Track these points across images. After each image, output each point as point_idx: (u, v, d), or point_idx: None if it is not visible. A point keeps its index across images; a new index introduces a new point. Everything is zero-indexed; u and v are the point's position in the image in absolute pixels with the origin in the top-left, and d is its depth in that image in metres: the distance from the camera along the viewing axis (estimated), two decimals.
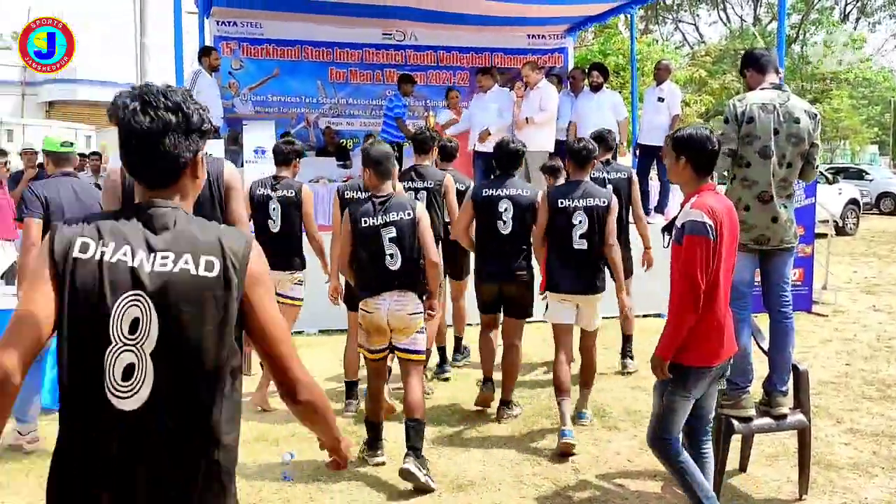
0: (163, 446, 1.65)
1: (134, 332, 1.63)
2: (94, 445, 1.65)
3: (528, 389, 5.81)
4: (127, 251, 1.66)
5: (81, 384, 1.65)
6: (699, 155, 3.27)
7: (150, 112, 1.69)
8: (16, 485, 4.07)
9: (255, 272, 1.74)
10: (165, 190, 1.74)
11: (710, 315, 3.17)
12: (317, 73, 11.54)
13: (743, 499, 4.00)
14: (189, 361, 1.66)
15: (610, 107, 9.00)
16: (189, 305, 1.65)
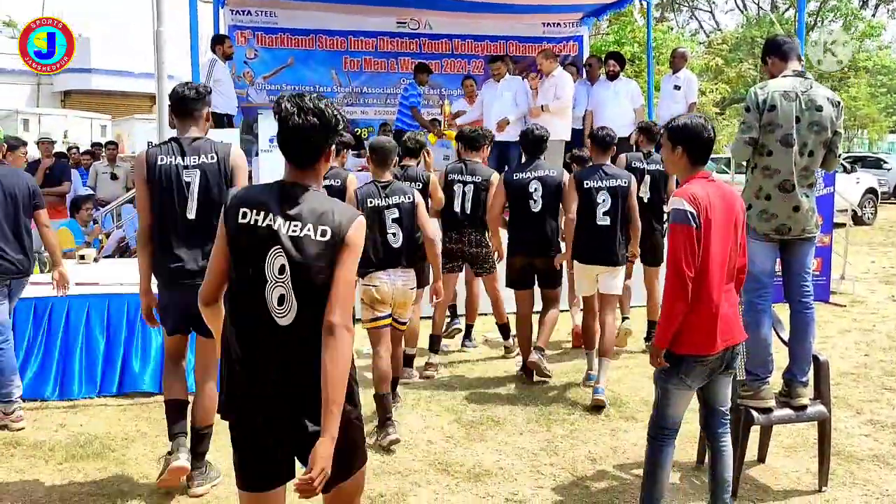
0: (305, 344, 2.35)
1: (282, 273, 2.35)
2: (259, 346, 2.40)
3: (544, 382, 5.79)
4: (271, 218, 2.37)
5: (251, 309, 2.38)
6: (694, 144, 3.27)
7: (302, 116, 2.36)
8: (36, 471, 4.10)
9: (349, 240, 2.37)
10: (306, 170, 2.43)
11: (700, 304, 3.15)
12: (331, 62, 11.51)
13: (762, 490, 3.97)
14: (315, 294, 2.34)
15: (627, 95, 8.94)
16: (311, 259, 2.35)
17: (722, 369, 3.30)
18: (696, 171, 3.29)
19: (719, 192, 3.23)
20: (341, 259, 2.36)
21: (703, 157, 3.31)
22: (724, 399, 3.42)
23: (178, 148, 3.77)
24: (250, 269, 2.38)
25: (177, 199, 3.71)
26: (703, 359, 3.20)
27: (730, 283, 3.28)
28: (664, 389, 3.31)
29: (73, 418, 4.92)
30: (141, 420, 4.89)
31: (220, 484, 3.97)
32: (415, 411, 5.09)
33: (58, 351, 5.42)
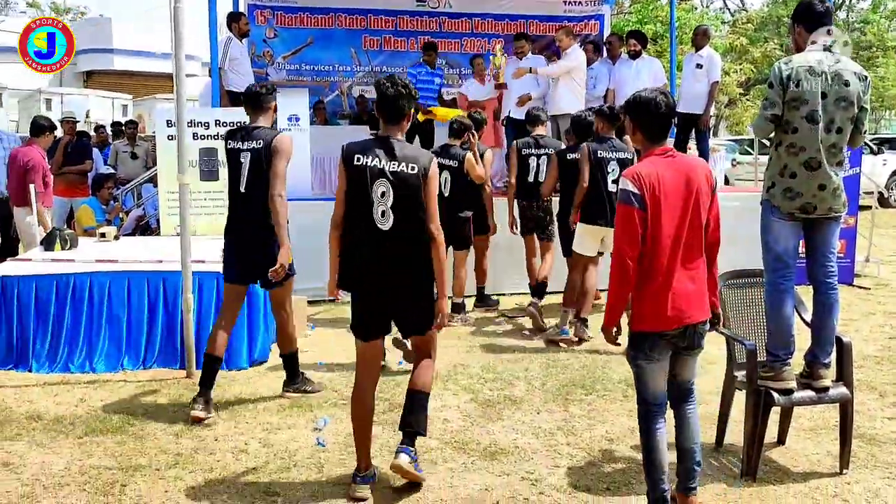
0: (401, 242, 3.55)
1: (383, 196, 3.51)
2: (369, 244, 3.55)
3: (563, 359, 5.77)
4: (377, 160, 3.53)
5: (362, 219, 3.54)
6: (643, 118, 3.25)
7: (395, 87, 3.54)
8: (56, 445, 4.14)
9: (430, 174, 3.56)
10: (395, 126, 3.62)
11: (651, 282, 3.16)
12: (350, 41, 11.45)
13: (782, 472, 3.92)
14: (408, 209, 3.53)
15: (649, 74, 8.81)
16: (406, 186, 3.52)
17: (686, 346, 3.27)
18: (654, 147, 3.25)
19: (675, 166, 3.18)
20: (426, 186, 3.54)
21: (657, 132, 3.26)
22: (687, 377, 3.39)
23: (244, 134, 4.64)
24: (363, 195, 3.52)
25: (235, 175, 4.63)
26: (663, 335, 3.22)
27: (695, 260, 3.23)
28: (636, 367, 3.33)
29: (94, 393, 4.96)
30: (160, 395, 4.93)
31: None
32: (432, 390, 5.07)
33: (83, 327, 5.49)
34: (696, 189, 3.19)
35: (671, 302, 3.17)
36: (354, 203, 3.55)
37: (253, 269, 4.66)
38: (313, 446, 4.17)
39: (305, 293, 6.90)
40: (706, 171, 3.29)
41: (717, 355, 4.88)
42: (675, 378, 3.38)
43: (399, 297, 3.63)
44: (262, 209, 4.54)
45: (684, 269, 3.21)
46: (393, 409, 4.69)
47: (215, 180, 7.22)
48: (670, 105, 3.26)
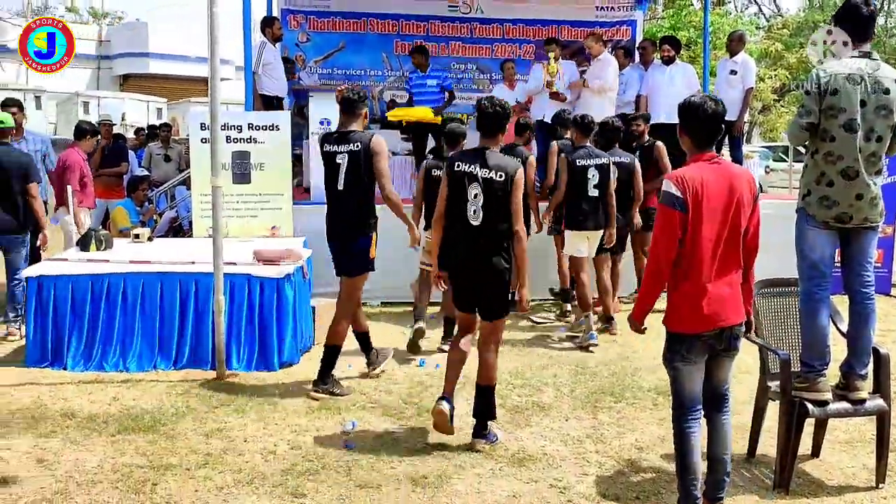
0: (488, 237, 4.17)
1: (475, 197, 4.14)
2: (463, 236, 4.21)
3: (592, 367, 5.73)
4: (472, 167, 4.17)
5: (459, 215, 4.20)
6: (692, 123, 3.28)
7: (491, 107, 4.28)
8: (89, 442, 4.20)
9: (516, 180, 4.15)
10: (491, 139, 4.29)
11: (689, 283, 3.21)
12: (382, 45, 11.50)
13: (815, 485, 3.85)
14: (495, 209, 4.14)
15: (682, 80, 8.72)
16: (494, 190, 4.13)
17: (723, 348, 3.29)
18: (700, 152, 3.27)
19: (719, 173, 3.21)
20: (512, 191, 4.14)
21: (706, 137, 3.28)
22: (722, 380, 3.40)
23: (338, 137, 4.99)
24: (460, 195, 4.19)
25: (332, 175, 5.01)
26: (698, 336, 3.24)
27: (733, 265, 3.25)
28: (673, 369, 3.35)
29: (127, 392, 5.03)
30: (191, 396, 4.98)
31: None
32: (459, 395, 5.06)
33: (117, 326, 5.57)
34: (738, 196, 3.21)
35: (708, 304, 3.20)
36: (453, 202, 4.25)
37: (339, 259, 5.15)
38: (342, 449, 4.19)
39: (336, 296, 6.93)
40: (749, 179, 3.30)
41: (750, 364, 4.81)
42: (711, 380, 3.38)
43: (482, 282, 4.23)
44: (356, 206, 5.02)
45: (722, 273, 3.23)
46: (421, 414, 4.69)
47: (247, 183, 7.29)
48: (719, 112, 3.27)
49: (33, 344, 5.55)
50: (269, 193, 7.32)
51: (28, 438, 4.24)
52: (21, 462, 3.93)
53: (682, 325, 3.27)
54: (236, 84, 20.25)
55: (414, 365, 5.78)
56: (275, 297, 5.66)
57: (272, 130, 7.31)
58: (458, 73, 11.80)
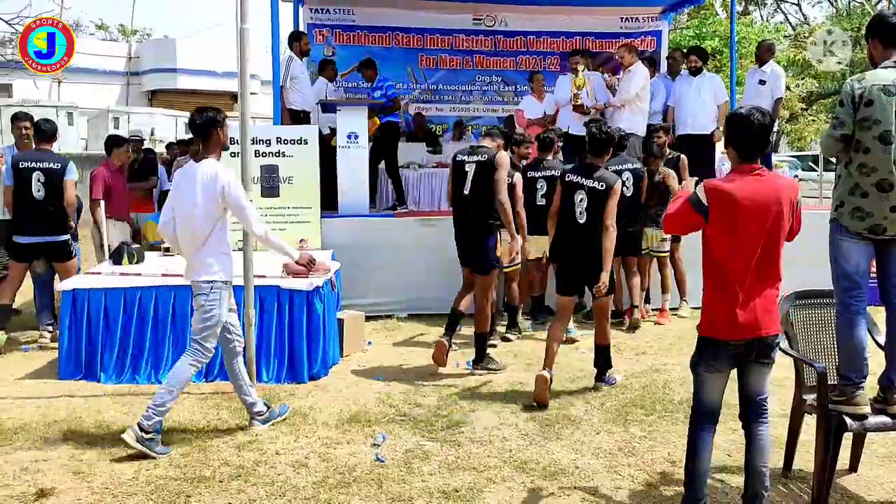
0: (590, 233, 5.28)
1: (581, 202, 5.33)
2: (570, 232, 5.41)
3: (621, 381, 5.68)
4: (580, 177, 5.37)
5: (568, 215, 5.38)
6: (736, 134, 3.29)
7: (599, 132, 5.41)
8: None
9: (613, 189, 5.24)
10: (598, 158, 5.41)
11: (722, 291, 3.26)
12: (407, 59, 11.60)
13: (854, 500, 3.79)
14: (595, 211, 5.24)
15: (709, 91, 8.69)
16: (595, 197, 5.27)
17: (753, 358, 3.31)
18: (743, 164, 3.28)
19: (760, 185, 3.22)
20: (610, 198, 5.20)
21: (750, 148, 3.28)
22: (758, 388, 3.40)
23: (471, 150, 5.91)
24: (569, 199, 5.34)
25: (461, 182, 5.85)
26: (727, 344, 3.28)
27: (771, 276, 3.28)
28: (696, 374, 3.41)
29: None
30: (222, 408, 5.01)
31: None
32: (490, 408, 5.07)
33: (149, 339, 5.64)
34: (779, 209, 3.22)
35: (742, 313, 3.23)
36: (564, 204, 5.42)
37: (467, 256, 5.94)
38: (372, 462, 4.19)
39: (363, 309, 6.98)
40: (794, 189, 3.31)
41: (785, 377, 4.75)
42: (746, 388, 3.41)
43: (587, 268, 5.31)
44: (479, 209, 5.77)
45: (759, 284, 3.26)
46: (451, 427, 4.68)
47: (276, 196, 7.36)
48: (766, 123, 3.26)
49: (67, 356, 5.63)
50: (297, 207, 7.40)
51: (64, 450, 4.30)
52: (58, 475, 3.98)
53: (714, 331, 3.32)
54: (263, 98, 20.48)
55: (444, 378, 5.77)
56: (304, 309, 5.70)
57: (300, 144, 7.39)
58: (482, 85, 11.86)
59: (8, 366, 6.02)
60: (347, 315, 6.46)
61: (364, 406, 5.08)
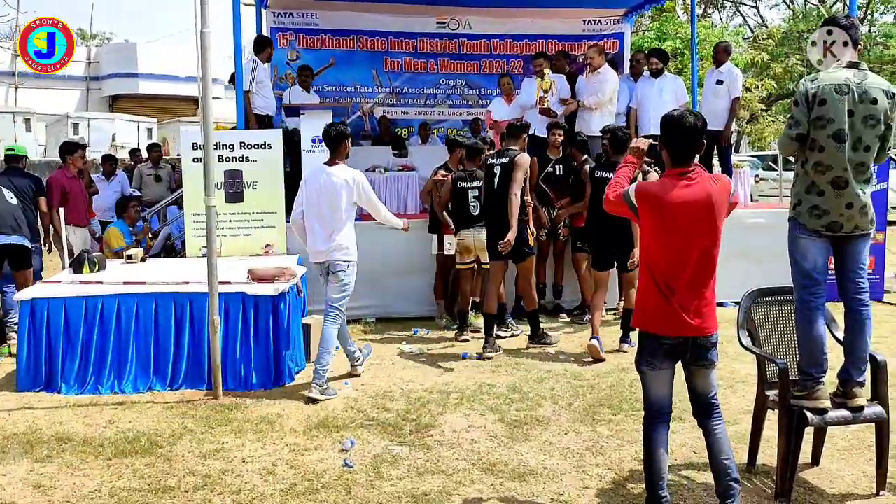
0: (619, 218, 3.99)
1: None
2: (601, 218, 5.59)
3: (590, 379, 5.72)
4: (608, 173, 6.29)
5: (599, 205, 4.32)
6: (668, 136, 3.34)
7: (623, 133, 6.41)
8: (86, 466, 4.17)
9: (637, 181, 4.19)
10: (620, 155, 5.79)
11: (651, 285, 3.34)
12: (372, 62, 11.60)
13: (817, 493, 3.85)
14: None
15: (671, 92, 8.79)
16: None
17: (690, 359, 3.36)
18: (676, 167, 3.33)
19: (688, 191, 3.26)
20: None
21: (683, 152, 3.32)
22: (704, 388, 3.45)
23: (499, 153, 6.66)
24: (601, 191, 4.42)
25: (490, 181, 6.58)
26: (661, 339, 3.33)
27: (705, 277, 3.31)
28: (640, 372, 3.47)
29: (122, 415, 4.99)
30: (187, 417, 4.94)
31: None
32: (458, 410, 5.07)
33: (111, 348, 5.54)
34: (710, 213, 3.28)
35: (672, 309, 3.30)
36: (595, 195, 6.28)
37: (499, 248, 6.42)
38: (340, 467, 4.16)
39: None
40: (725, 192, 3.34)
41: (747, 374, 4.82)
42: (693, 389, 3.46)
43: (618, 247, 6.34)
44: (506, 206, 6.37)
45: (689, 284, 3.31)
46: (419, 430, 4.68)
47: (240, 202, 7.28)
48: (697, 126, 3.30)
49: (26, 368, 5.51)
50: (262, 212, 7.33)
51: (24, 464, 4.21)
52: (17, 489, 3.89)
53: (645, 323, 3.39)
54: (226, 104, 20.27)
55: (412, 382, 5.75)
56: (270, 315, 5.65)
57: (264, 149, 7.33)
58: (447, 88, 11.89)
59: None
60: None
61: (332, 411, 5.05)
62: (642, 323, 3.41)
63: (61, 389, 5.45)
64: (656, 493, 3.39)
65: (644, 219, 3.37)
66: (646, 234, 3.39)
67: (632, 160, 3.69)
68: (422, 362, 6.25)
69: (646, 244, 3.40)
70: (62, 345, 5.53)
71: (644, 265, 3.41)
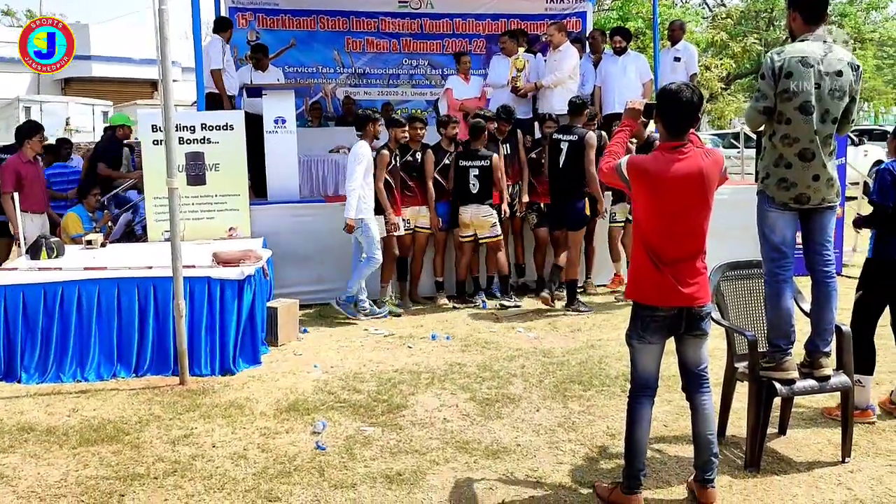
0: None
1: None
2: None
3: (559, 356, 5.75)
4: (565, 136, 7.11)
5: None
6: (664, 109, 3.34)
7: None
8: (50, 456, 4.06)
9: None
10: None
11: (644, 256, 3.34)
12: (333, 42, 11.41)
13: (785, 462, 3.92)
14: None
15: (635, 70, 8.83)
16: None
17: (684, 329, 3.36)
18: (670, 140, 3.33)
19: (681, 165, 3.26)
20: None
21: (677, 124, 3.31)
22: (695, 360, 3.47)
23: (565, 129, 7.23)
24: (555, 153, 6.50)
25: (555, 157, 7.17)
26: (653, 311, 3.33)
27: (696, 248, 3.34)
28: (630, 346, 3.46)
29: (86, 403, 4.88)
30: (154, 403, 4.85)
31: None
32: (429, 390, 5.05)
33: (73, 336, 5.40)
34: (701, 187, 3.27)
35: (665, 280, 3.29)
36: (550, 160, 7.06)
37: (561, 218, 7.24)
38: (313, 450, 4.12)
39: (297, 297, 6.86)
40: (717, 166, 3.34)
41: (714, 347, 4.87)
42: (685, 361, 3.48)
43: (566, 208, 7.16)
44: (571, 179, 7.07)
45: (681, 255, 3.31)
46: (391, 411, 4.66)
47: (202, 184, 7.15)
48: (693, 101, 3.29)
49: None
50: (225, 194, 7.20)
51: None
52: None
53: (638, 294, 3.39)
54: (185, 85, 19.88)
55: (381, 364, 5.72)
56: (235, 299, 5.56)
57: (226, 130, 7.18)
58: (409, 68, 11.77)
59: None
60: (281, 303, 6.33)
61: (302, 394, 5.00)
62: (636, 295, 3.41)
63: (21, 378, 5.30)
64: (635, 466, 3.41)
65: (636, 192, 3.36)
66: (638, 207, 3.38)
67: (627, 123, 3.67)
68: (391, 344, 6.21)
69: (638, 216, 3.40)
70: (21, 333, 5.37)
71: (637, 238, 3.40)
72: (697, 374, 3.46)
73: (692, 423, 3.48)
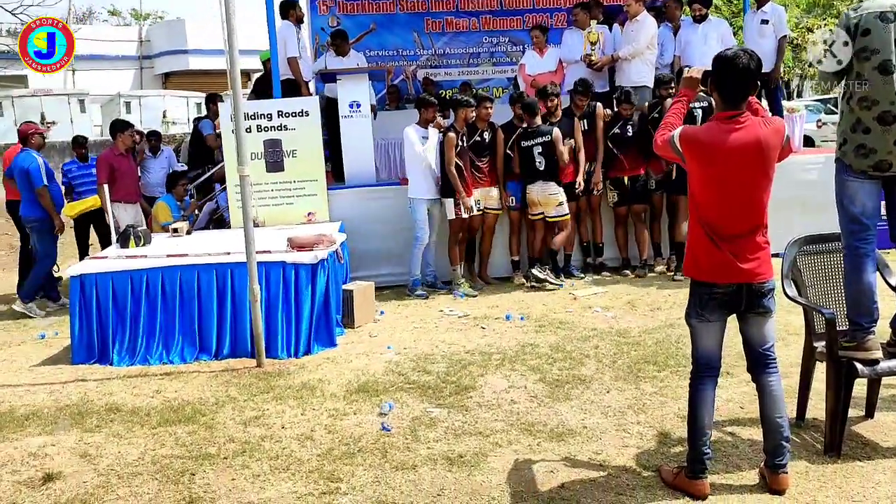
0: None
1: None
2: None
3: (635, 336, 5.60)
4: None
5: None
6: (719, 77, 3.14)
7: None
8: (131, 435, 4.27)
9: None
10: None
11: (701, 232, 3.21)
12: (413, 24, 11.42)
13: (870, 447, 3.68)
14: None
15: (716, 37, 8.37)
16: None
17: (745, 307, 3.21)
18: (726, 109, 3.15)
19: (737, 135, 3.09)
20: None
21: (733, 92, 3.12)
22: (760, 339, 3.29)
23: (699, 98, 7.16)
24: None
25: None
26: (711, 287, 3.19)
27: (756, 222, 3.16)
28: (690, 325, 3.34)
29: (169, 385, 5.10)
30: (231, 386, 5.02)
31: None
32: (499, 371, 5.02)
33: (158, 320, 5.65)
34: (759, 158, 3.09)
35: (723, 256, 3.15)
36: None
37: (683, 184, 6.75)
38: (378, 431, 4.16)
39: (374, 279, 6.93)
40: (778, 136, 3.14)
41: (800, 325, 4.62)
42: (748, 340, 3.32)
43: None
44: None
45: (740, 230, 3.16)
46: (459, 392, 4.65)
47: (281, 171, 7.31)
48: (751, 67, 3.10)
49: (79, 342, 5.66)
50: (303, 180, 7.35)
51: (74, 434, 4.33)
52: (65, 458, 4.01)
53: (697, 271, 3.25)
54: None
55: (455, 345, 5.72)
56: (309, 282, 5.66)
57: (302, 116, 7.31)
58: (489, 46, 11.65)
59: (25, 353, 6.08)
60: (357, 286, 6.42)
61: (373, 376, 5.05)
62: (694, 272, 3.27)
63: (113, 361, 5.60)
64: (699, 449, 3.28)
65: (691, 165, 3.21)
66: (693, 181, 3.23)
67: (685, 94, 3.48)
68: (465, 325, 6.21)
69: (693, 190, 3.24)
70: (112, 318, 5.66)
71: (693, 213, 3.26)
72: (763, 353, 3.28)
73: (760, 406, 3.32)
